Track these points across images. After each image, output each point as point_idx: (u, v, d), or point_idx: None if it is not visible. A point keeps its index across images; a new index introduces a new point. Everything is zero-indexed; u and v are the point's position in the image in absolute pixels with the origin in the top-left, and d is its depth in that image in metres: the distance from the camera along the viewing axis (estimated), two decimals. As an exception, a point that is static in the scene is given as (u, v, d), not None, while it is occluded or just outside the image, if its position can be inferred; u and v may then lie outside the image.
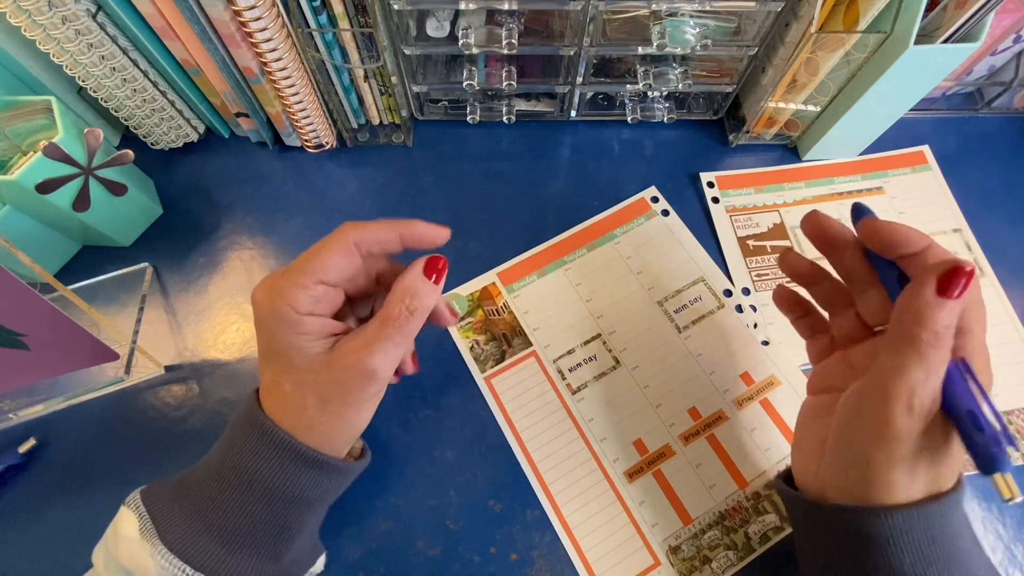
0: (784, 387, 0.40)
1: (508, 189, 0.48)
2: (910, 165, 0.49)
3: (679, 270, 0.44)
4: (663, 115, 0.49)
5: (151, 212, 0.46)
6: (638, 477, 0.38)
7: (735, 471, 0.37)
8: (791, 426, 0.38)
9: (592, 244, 0.45)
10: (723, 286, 0.43)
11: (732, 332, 0.42)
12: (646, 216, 0.46)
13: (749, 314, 0.42)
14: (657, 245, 0.45)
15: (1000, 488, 0.28)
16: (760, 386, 0.40)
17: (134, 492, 0.29)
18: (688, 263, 0.44)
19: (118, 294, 0.43)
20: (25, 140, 0.39)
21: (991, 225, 0.46)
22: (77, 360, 0.35)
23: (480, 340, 0.42)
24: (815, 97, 0.44)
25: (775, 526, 0.36)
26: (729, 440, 0.38)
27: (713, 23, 0.41)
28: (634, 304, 0.43)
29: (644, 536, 0.36)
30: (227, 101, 0.45)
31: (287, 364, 0.28)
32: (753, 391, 0.40)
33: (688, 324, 0.42)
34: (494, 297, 0.43)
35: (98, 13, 0.38)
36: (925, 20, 0.37)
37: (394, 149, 0.50)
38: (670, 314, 0.42)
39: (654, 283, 0.43)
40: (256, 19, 0.36)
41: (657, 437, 0.39)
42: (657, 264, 0.44)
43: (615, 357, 0.41)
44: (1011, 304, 0.43)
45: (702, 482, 0.37)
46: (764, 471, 0.37)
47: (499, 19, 0.41)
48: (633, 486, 0.37)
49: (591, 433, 0.39)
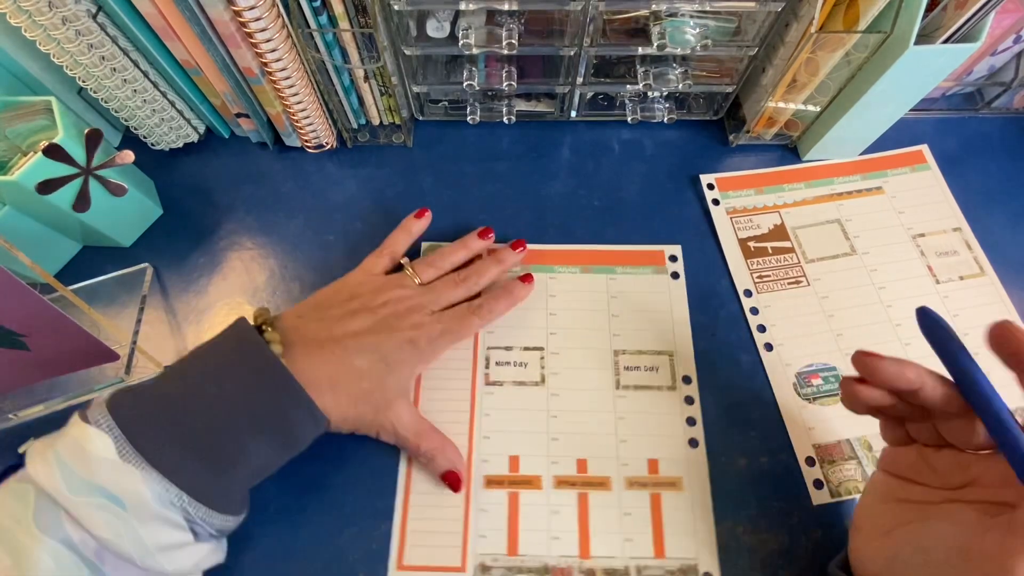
0: (684, 495, 0.36)
1: (508, 189, 0.48)
2: (909, 164, 0.49)
3: (654, 334, 0.41)
4: (663, 115, 0.49)
5: (151, 212, 0.46)
6: (495, 488, 0.37)
7: (585, 539, 0.35)
8: (668, 534, 0.35)
9: (588, 267, 0.44)
10: (686, 371, 0.40)
11: (667, 417, 0.39)
12: (655, 269, 0.44)
13: (696, 408, 0.39)
14: (648, 301, 0.43)
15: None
16: (661, 480, 0.37)
17: (96, 404, 0.28)
18: (667, 333, 0.41)
19: (118, 294, 0.43)
20: (25, 140, 0.39)
21: (991, 225, 0.46)
22: (77, 360, 0.35)
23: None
24: (815, 97, 0.44)
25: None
26: (598, 508, 0.36)
27: (713, 23, 0.41)
28: (592, 341, 0.41)
29: (467, 539, 0.35)
30: (227, 101, 0.45)
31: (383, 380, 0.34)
32: (651, 480, 0.37)
33: (630, 386, 0.40)
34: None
35: (98, 14, 0.38)
36: (925, 20, 0.37)
37: (394, 149, 0.50)
38: (619, 368, 0.40)
39: (623, 332, 0.41)
40: (256, 19, 0.36)
41: (534, 464, 0.37)
42: (637, 318, 0.42)
43: (543, 375, 0.40)
44: (1011, 304, 0.43)
45: (549, 528, 0.36)
46: (613, 556, 0.35)
47: (499, 19, 0.41)
48: (486, 492, 0.37)
49: (479, 425, 0.38)
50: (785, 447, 0.38)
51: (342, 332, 0.34)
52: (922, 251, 0.45)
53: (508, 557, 0.35)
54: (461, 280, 0.39)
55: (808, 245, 0.45)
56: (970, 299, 0.43)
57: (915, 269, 0.44)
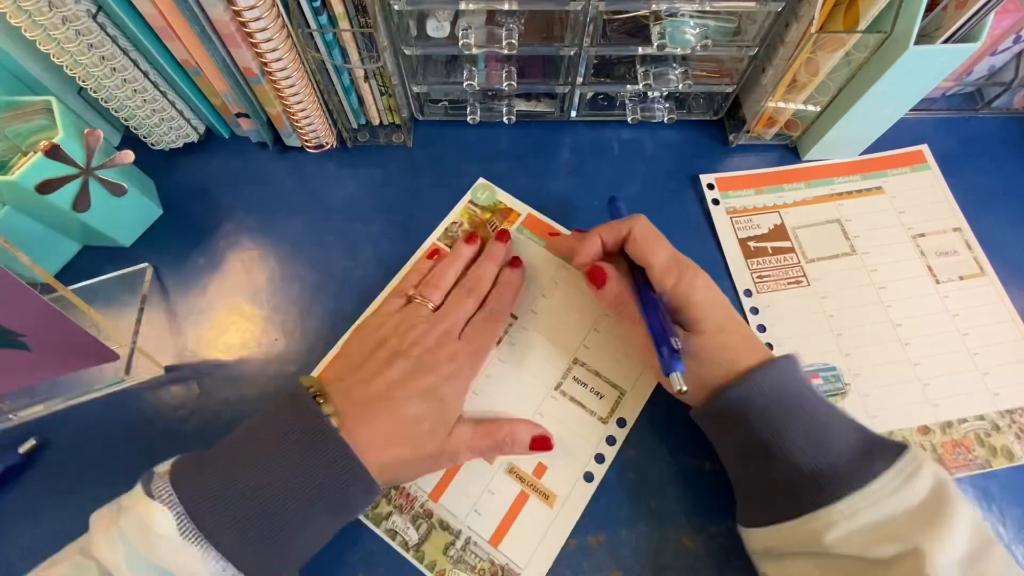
0: (549, 512, 0.36)
1: (508, 190, 0.48)
2: (909, 164, 0.49)
3: (620, 368, 0.40)
4: (663, 115, 0.49)
5: (151, 212, 0.46)
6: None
7: (444, 485, 0.37)
8: (513, 530, 0.36)
9: None
10: (627, 415, 0.39)
11: (580, 438, 0.38)
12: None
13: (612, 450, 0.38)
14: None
15: (674, 385, 0.32)
16: (538, 486, 0.37)
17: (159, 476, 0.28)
18: (632, 373, 0.40)
19: (118, 294, 0.43)
20: (25, 140, 0.39)
21: (991, 225, 0.46)
22: (77, 360, 0.35)
23: (464, 226, 0.46)
24: (815, 97, 0.44)
25: (410, 544, 0.35)
26: (468, 471, 0.37)
27: (713, 23, 0.41)
28: (562, 338, 0.41)
29: None
30: (227, 101, 0.45)
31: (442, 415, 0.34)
32: (530, 480, 0.37)
33: (567, 394, 0.40)
34: (507, 219, 0.46)
35: (98, 13, 0.38)
36: (925, 20, 0.37)
37: (394, 149, 0.50)
38: (568, 374, 0.40)
39: (593, 348, 0.41)
40: (256, 19, 0.36)
41: None
42: (615, 347, 0.41)
43: (501, 338, 0.41)
44: (1011, 304, 0.43)
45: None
46: (456, 517, 0.36)
47: (499, 19, 0.41)
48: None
49: None
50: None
51: (386, 385, 0.33)
52: (922, 251, 0.45)
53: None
54: (469, 291, 0.39)
55: (808, 245, 0.45)
56: (970, 299, 0.43)
57: (915, 269, 0.44)
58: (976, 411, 0.40)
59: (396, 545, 0.36)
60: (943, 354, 0.41)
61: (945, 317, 0.43)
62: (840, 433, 0.30)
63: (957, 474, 0.38)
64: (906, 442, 0.30)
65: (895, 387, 0.40)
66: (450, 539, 0.36)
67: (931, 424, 0.39)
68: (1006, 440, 0.39)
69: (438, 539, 0.36)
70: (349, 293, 0.44)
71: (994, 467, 0.38)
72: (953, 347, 0.41)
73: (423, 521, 0.36)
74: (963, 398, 0.40)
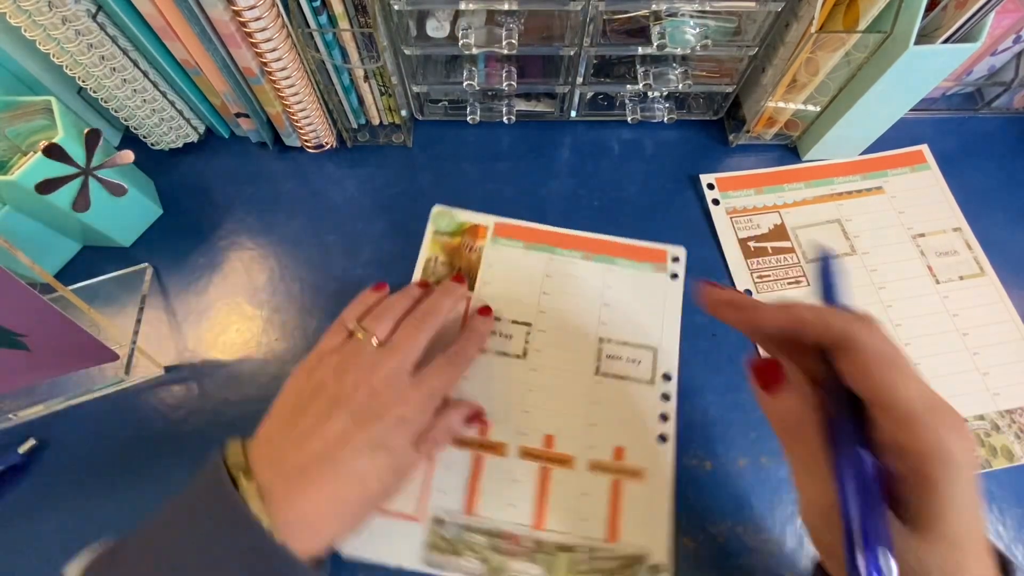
0: (645, 486, 0.37)
1: (508, 189, 0.48)
2: (909, 164, 0.49)
3: (642, 328, 0.42)
4: (663, 115, 0.49)
5: (151, 212, 0.46)
6: (463, 448, 0.37)
7: (542, 511, 0.36)
8: (623, 520, 0.36)
9: (589, 255, 0.44)
10: (668, 368, 0.40)
11: (641, 409, 0.39)
12: (654, 267, 0.44)
13: (671, 406, 0.39)
14: (643, 296, 0.43)
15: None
16: (625, 468, 0.37)
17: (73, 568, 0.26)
18: (655, 330, 0.42)
19: (118, 294, 0.43)
20: (25, 140, 0.39)
21: (991, 225, 0.46)
22: (77, 360, 0.35)
23: (440, 258, 0.44)
24: (815, 97, 0.44)
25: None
26: (559, 484, 0.37)
27: (713, 23, 0.41)
28: (579, 324, 0.42)
29: (428, 492, 0.36)
30: (227, 101, 0.45)
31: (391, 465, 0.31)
32: (615, 467, 0.37)
33: (609, 374, 0.40)
34: (477, 237, 0.44)
35: (98, 13, 0.38)
36: (925, 20, 0.37)
37: (394, 149, 0.50)
38: (601, 355, 0.41)
39: (611, 322, 0.42)
40: (256, 19, 0.36)
41: (503, 432, 0.38)
42: (628, 310, 0.42)
43: (525, 350, 0.41)
44: (1011, 304, 0.43)
45: (506, 495, 0.36)
46: (567, 533, 0.35)
47: (499, 19, 0.41)
48: (452, 450, 0.37)
49: (458, 387, 0.39)
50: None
51: (323, 444, 0.29)
52: (922, 251, 0.45)
53: (463, 515, 0.36)
54: (419, 322, 0.35)
55: (808, 245, 0.45)
56: (970, 299, 0.43)
57: (915, 269, 0.44)
58: (976, 411, 0.40)
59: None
60: (943, 354, 0.41)
61: (945, 317, 0.43)
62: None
63: (957, 474, 0.38)
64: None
65: (895, 387, 0.40)
66: (572, 557, 0.35)
67: (931, 424, 0.39)
68: (1006, 440, 0.39)
69: (561, 562, 0.35)
70: (349, 293, 0.43)
71: (994, 467, 0.38)
72: (953, 347, 0.41)
73: (538, 554, 0.35)
74: (963, 398, 0.40)
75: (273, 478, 0.28)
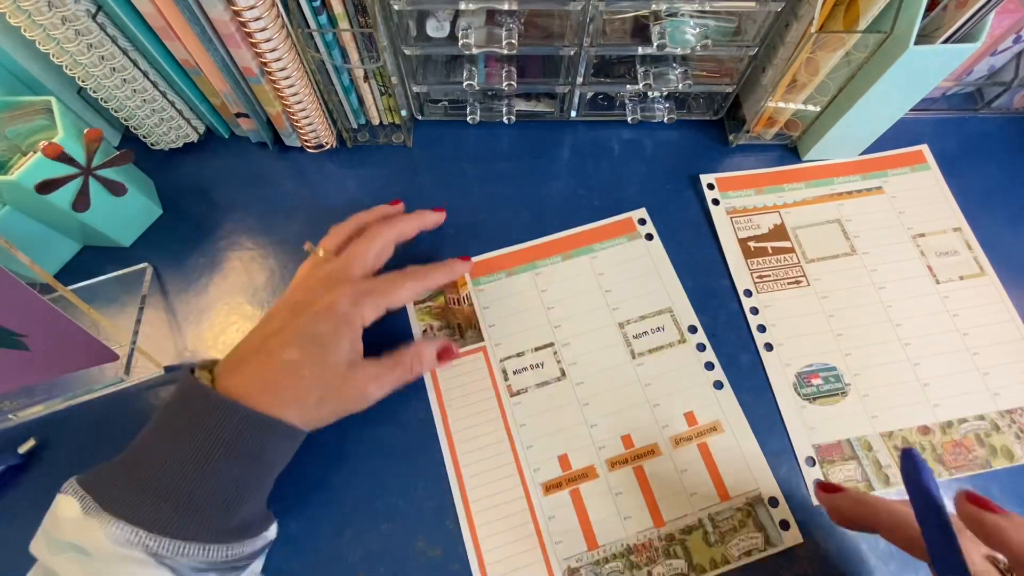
0: (726, 435, 0.38)
1: (508, 189, 0.48)
2: (909, 164, 0.49)
3: (649, 297, 0.43)
4: (663, 115, 0.49)
5: (151, 212, 0.46)
6: (555, 492, 0.37)
7: (655, 508, 0.36)
8: (724, 475, 0.37)
9: (568, 254, 0.45)
10: (689, 321, 0.42)
11: (687, 368, 0.40)
12: (628, 237, 0.45)
13: (710, 353, 0.41)
14: (632, 267, 0.44)
15: None
16: (702, 429, 0.39)
17: (68, 481, 0.29)
18: (659, 292, 0.43)
19: (118, 294, 0.43)
20: (25, 140, 0.39)
21: (991, 225, 0.46)
22: (77, 360, 0.35)
23: (435, 325, 0.42)
24: (815, 97, 0.44)
25: (681, 573, 0.35)
26: (656, 476, 0.37)
27: (713, 23, 0.41)
28: (595, 321, 0.42)
29: (545, 551, 0.36)
30: (227, 101, 0.45)
31: (322, 358, 0.32)
32: (694, 432, 0.39)
33: (644, 352, 0.41)
34: (459, 287, 0.43)
35: (98, 13, 0.38)
36: (925, 20, 0.37)
37: (394, 149, 0.50)
38: (628, 338, 0.41)
39: (621, 304, 0.42)
40: (256, 19, 0.36)
41: (584, 456, 0.38)
42: (628, 286, 0.43)
43: (562, 368, 0.41)
44: (1011, 304, 0.43)
45: (618, 510, 0.36)
46: (685, 514, 0.36)
47: (499, 19, 0.41)
48: (548, 499, 0.37)
49: (519, 438, 0.39)
50: (785, 447, 0.38)
51: (262, 337, 0.33)
52: (922, 251, 0.45)
53: (590, 552, 0.36)
54: (373, 236, 0.37)
55: (808, 245, 0.45)
56: (970, 299, 0.43)
57: (915, 269, 0.44)
58: (976, 411, 0.40)
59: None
60: (943, 354, 0.41)
61: (945, 317, 0.43)
62: None
63: (957, 474, 0.38)
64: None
65: (895, 387, 0.40)
66: (701, 532, 0.36)
67: (931, 424, 0.39)
68: (1006, 440, 0.39)
69: (695, 541, 0.36)
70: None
71: (994, 467, 0.38)
72: (953, 347, 0.41)
73: (672, 546, 0.36)
74: (963, 398, 0.40)
75: (220, 371, 0.32)
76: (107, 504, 0.28)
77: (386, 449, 0.39)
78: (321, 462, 0.38)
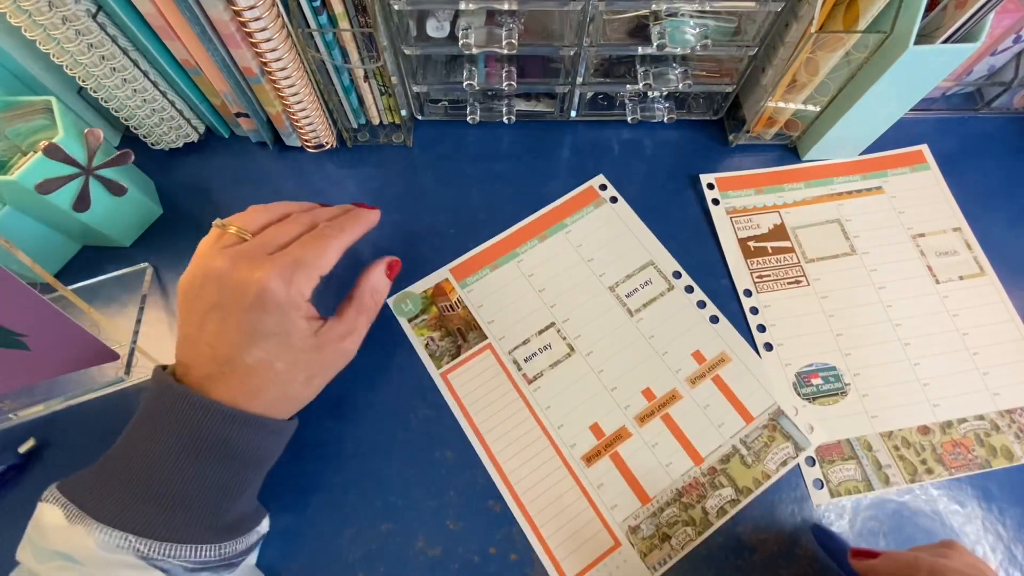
0: (735, 363, 0.41)
1: (508, 189, 0.48)
2: (908, 164, 0.49)
3: (629, 255, 0.45)
4: (663, 115, 0.49)
5: (151, 212, 0.46)
6: (596, 460, 0.38)
7: (691, 448, 0.38)
8: (743, 400, 0.40)
9: (543, 235, 0.46)
10: (672, 268, 0.44)
11: (682, 312, 0.43)
12: (595, 204, 0.47)
13: (699, 293, 0.43)
14: (606, 232, 0.46)
15: None
16: (712, 363, 0.41)
17: (48, 488, 0.29)
18: (637, 248, 0.45)
19: (118, 294, 0.43)
20: (25, 140, 0.39)
21: (991, 225, 0.46)
22: (77, 360, 0.35)
23: (435, 337, 0.42)
24: (815, 97, 0.44)
25: (731, 499, 0.37)
26: (683, 418, 0.39)
27: (713, 23, 0.41)
28: (586, 291, 0.43)
29: (604, 518, 0.37)
30: (227, 101, 0.45)
31: (285, 344, 0.31)
32: (705, 368, 0.41)
33: (640, 307, 0.43)
34: (447, 293, 0.44)
35: (98, 13, 0.38)
36: (925, 20, 0.37)
37: (394, 149, 0.50)
38: (622, 299, 0.43)
39: (605, 269, 0.44)
40: (256, 19, 0.36)
41: (613, 420, 0.39)
42: (607, 250, 0.45)
43: (569, 344, 0.42)
44: (1011, 304, 0.43)
45: (659, 461, 0.38)
46: (719, 446, 0.38)
47: (499, 19, 0.41)
48: (591, 470, 0.38)
49: (548, 421, 0.39)
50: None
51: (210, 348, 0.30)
52: (922, 251, 0.45)
53: (645, 507, 0.37)
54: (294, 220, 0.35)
55: (808, 245, 0.45)
56: (970, 299, 0.43)
57: (915, 269, 0.44)
58: (976, 411, 0.40)
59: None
60: (943, 354, 0.41)
61: (945, 317, 0.43)
62: None
63: (957, 474, 0.38)
64: None
65: (895, 387, 0.40)
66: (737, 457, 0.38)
67: (931, 424, 0.39)
68: (1006, 440, 0.39)
69: (735, 466, 0.38)
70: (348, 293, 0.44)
71: (994, 467, 0.38)
72: (953, 347, 0.42)
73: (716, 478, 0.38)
74: (963, 398, 0.40)
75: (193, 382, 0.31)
76: (92, 510, 0.27)
77: (386, 449, 0.39)
78: (321, 462, 0.38)
